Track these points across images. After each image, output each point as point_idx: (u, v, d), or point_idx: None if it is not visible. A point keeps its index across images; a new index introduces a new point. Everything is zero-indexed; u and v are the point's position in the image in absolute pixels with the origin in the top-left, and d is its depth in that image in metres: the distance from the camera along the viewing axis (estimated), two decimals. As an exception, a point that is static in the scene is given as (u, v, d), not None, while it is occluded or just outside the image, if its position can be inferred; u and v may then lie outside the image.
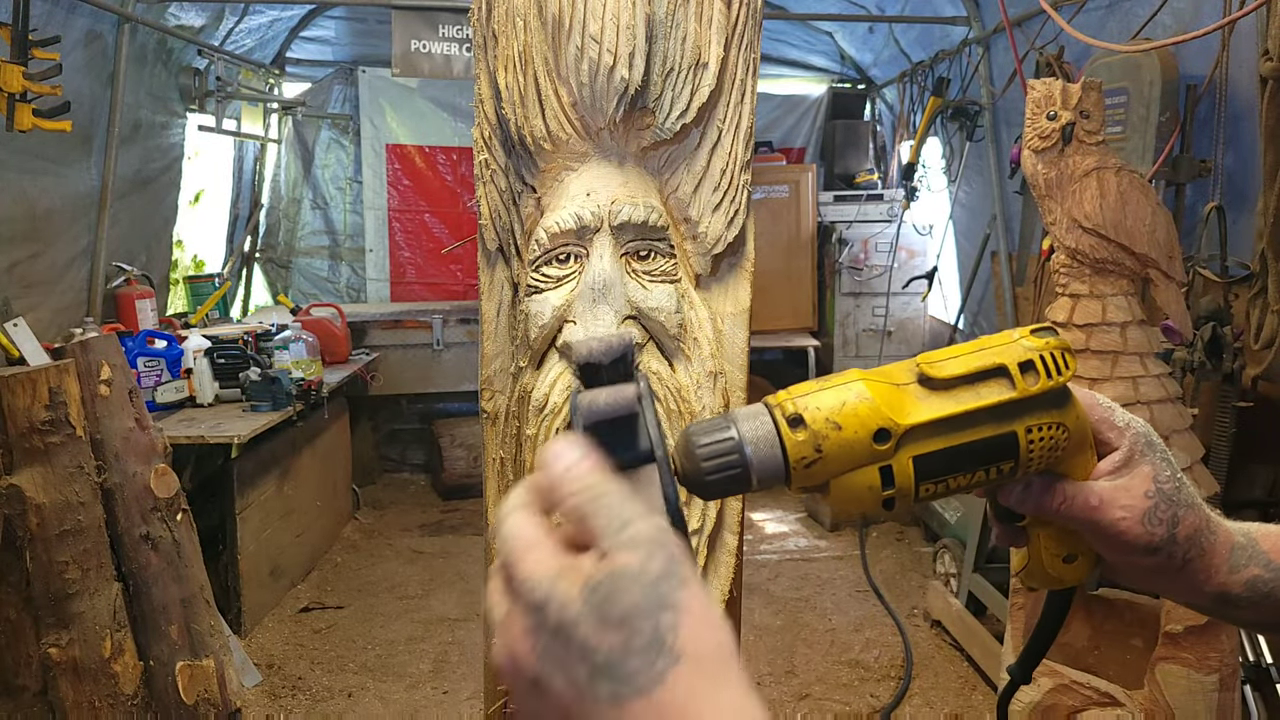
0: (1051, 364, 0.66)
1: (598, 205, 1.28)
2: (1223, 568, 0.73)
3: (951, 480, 0.66)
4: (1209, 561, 0.73)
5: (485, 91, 1.35)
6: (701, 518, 1.33)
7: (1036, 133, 2.16)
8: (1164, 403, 2.11)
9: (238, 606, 3.86)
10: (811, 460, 0.63)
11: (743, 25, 1.32)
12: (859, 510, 0.65)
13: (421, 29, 4.78)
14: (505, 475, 1.39)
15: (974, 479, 0.67)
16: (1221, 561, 0.73)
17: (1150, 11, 3.08)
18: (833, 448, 0.63)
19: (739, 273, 1.40)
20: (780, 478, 0.63)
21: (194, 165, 5.36)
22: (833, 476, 0.64)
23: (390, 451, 6.38)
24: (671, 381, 1.31)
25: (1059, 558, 0.75)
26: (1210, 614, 0.78)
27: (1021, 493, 0.71)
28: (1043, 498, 0.70)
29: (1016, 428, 0.66)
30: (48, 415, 2.17)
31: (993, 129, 4.75)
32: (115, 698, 2.25)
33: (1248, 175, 2.82)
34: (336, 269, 6.56)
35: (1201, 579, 0.73)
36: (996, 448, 0.66)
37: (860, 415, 0.63)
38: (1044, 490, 0.70)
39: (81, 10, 3.74)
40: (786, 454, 0.63)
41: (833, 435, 0.63)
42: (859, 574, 4.58)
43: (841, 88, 6.95)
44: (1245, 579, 0.73)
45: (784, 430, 0.63)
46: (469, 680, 3.61)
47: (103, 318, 4.17)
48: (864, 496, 0.64)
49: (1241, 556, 0.74)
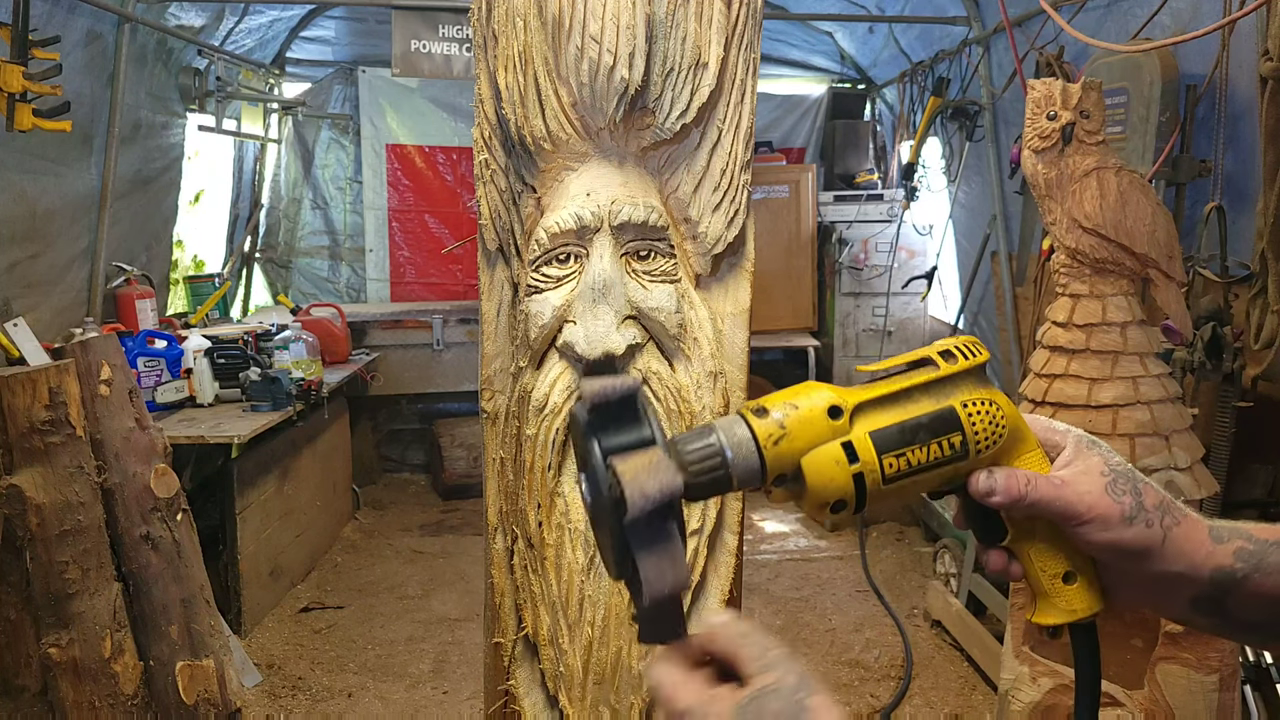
0: (966, 350, 0.77)
1: (598, 205, 1.28)
2: (1206, 541, 0.75)
3: (911, 454, 0.73)
4: (1191, 532, 0.75)
5: (485, 91, 1.35)
6: (702, 518, 1.33)
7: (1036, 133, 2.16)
8: (1164, 403, 2.11)
9: (238, 606, 3.86)
10: (778, 436, 0.70)
11: (743, 25, 1.32)
12: (835, 490, 0.71)
13: (421, 29, 4.78)
14: (505, 475, 1.39)
15: (931, 454, 0.74)
16: (1203, 534, 0.75)
17: (1150, 12, 3.08)
18: (794, 424, 0.71)
19: (739, 273, 1.40)
20: (756, 473, 0.70)
21: (194, 165, 5.36)
22: (800, 455, 0.71)
23: (390, 451, 6.38)
24: (671, 381, 1.31)
25: (1058, 578, 0.76)
26: (1211, 616, 0.77)
27: (987, 480, 0.75)
28: (1010, 483, 0.74)
29: (953, 402, 0.75)
30: (48, 415, 2.17)
31: (993, 129, 4.75)
32: (115, 698, 2.25)
33: (1248, 175, 2.82)
34: (336, 269, 6.56)
35: (1191, 550, 0.75)
36: (941, 420, 0.74)
37: (812, 395, 0.72)
38: (1009, 477, 0.75)
39: (81, 10, 3.74)
40: (758, 441, 0.70)
41: (791, 413, 0.71)
42: (859, 574, 4.58)
43: (841, 88, 6.94)
44: (1233, 549, 0.75)
45: (751, 420, 0.71)
46: (469, 680, 3.61)
47: (103, 318, 4.17)
48: (834, 473, 0.71)
49: (1222, 532, 0.76)
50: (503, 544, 1.42)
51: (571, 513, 1.30)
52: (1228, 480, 2.58)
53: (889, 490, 0.73)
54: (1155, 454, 2.06)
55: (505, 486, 1.39)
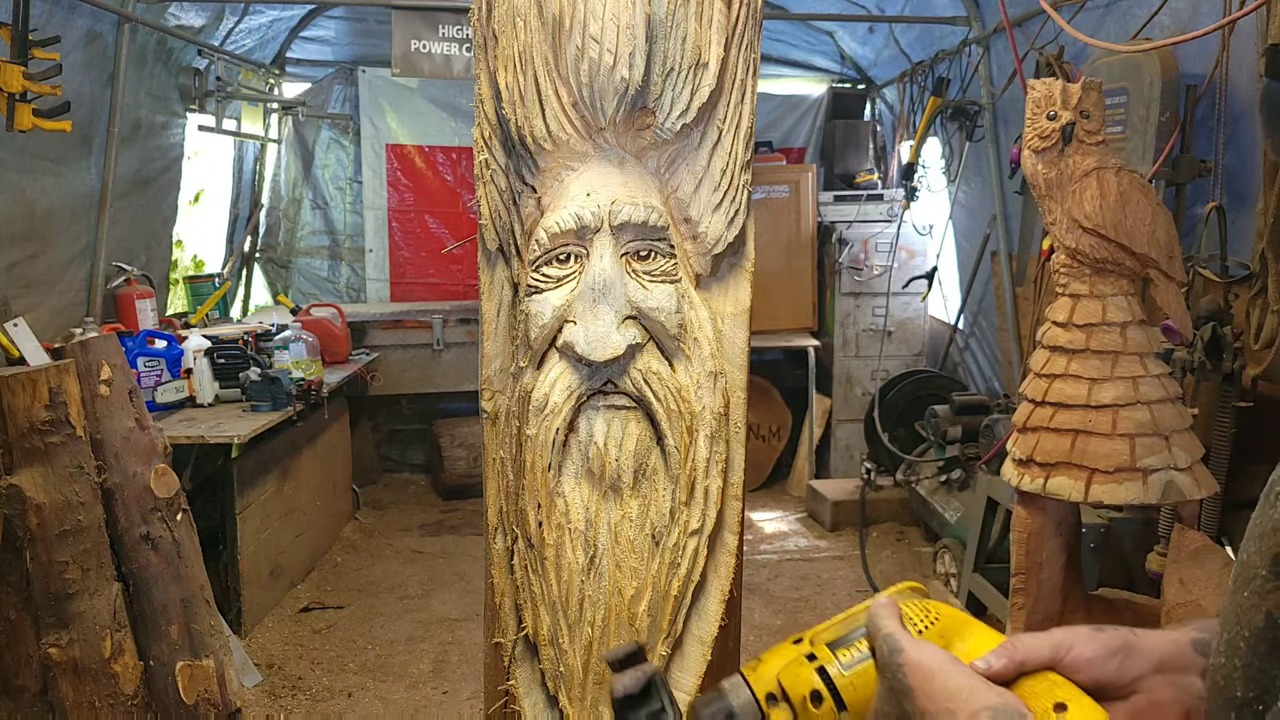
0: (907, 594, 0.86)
1: (598, 205, 1.28)
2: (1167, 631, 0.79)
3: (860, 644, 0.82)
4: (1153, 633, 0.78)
5: (485, 91, 1.35)
6: (702, 518, 1.33)
7: (1036, 133, 2.16)
8: (1164, 403, 2.11)
9: (238, 606, 3.86)
10: (755, 665, 0.86)
11: (743, 25, 1.32)
12: (805, 684, 0.81)
13: (421, 29, 4.78)
14: (505, 475, 1.39)
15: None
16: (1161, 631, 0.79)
17: (1150, 12, 3.08)
18: (767, 655, 0.86)
19: (739, 273, 1.40)
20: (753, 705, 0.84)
21: (194, 165, 5.36)
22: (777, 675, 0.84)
23: (390, 451, 6.38)
24: (672, 381, 1.31)
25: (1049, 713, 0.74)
26: None
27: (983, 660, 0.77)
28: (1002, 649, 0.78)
29: None
30: (48, 415, 2.17)
31: (993, 129, 4.75)
32: (115, 698, 2.25)
33: (1248, 175, 2.82)
34: (336, 269, 6.56)
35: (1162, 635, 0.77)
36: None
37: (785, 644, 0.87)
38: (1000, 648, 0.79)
39: (81, 10, 3.74)
40: (751, 687, 0.84)
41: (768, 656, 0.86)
42: (859, 574, 4.58)
43: (841, 88, 6.94)
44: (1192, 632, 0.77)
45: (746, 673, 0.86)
46: (469, 680, 3.61)
47: (103, 318, 4.17)
48: (800, 672, 0.82)
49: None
50: (503, 544, 1.42)
51: (571, 513, 1.30)
52: (1228, 480, 2.58)
53: (853, 678, 0.79)
54: (1155, 454, 2.06)
55: (505, 486, 1.39)
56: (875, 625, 0.77)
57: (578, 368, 1.29)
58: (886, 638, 0.75)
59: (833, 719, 0.80)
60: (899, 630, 0.76)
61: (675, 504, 1.30)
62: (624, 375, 1.29)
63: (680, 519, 1.31)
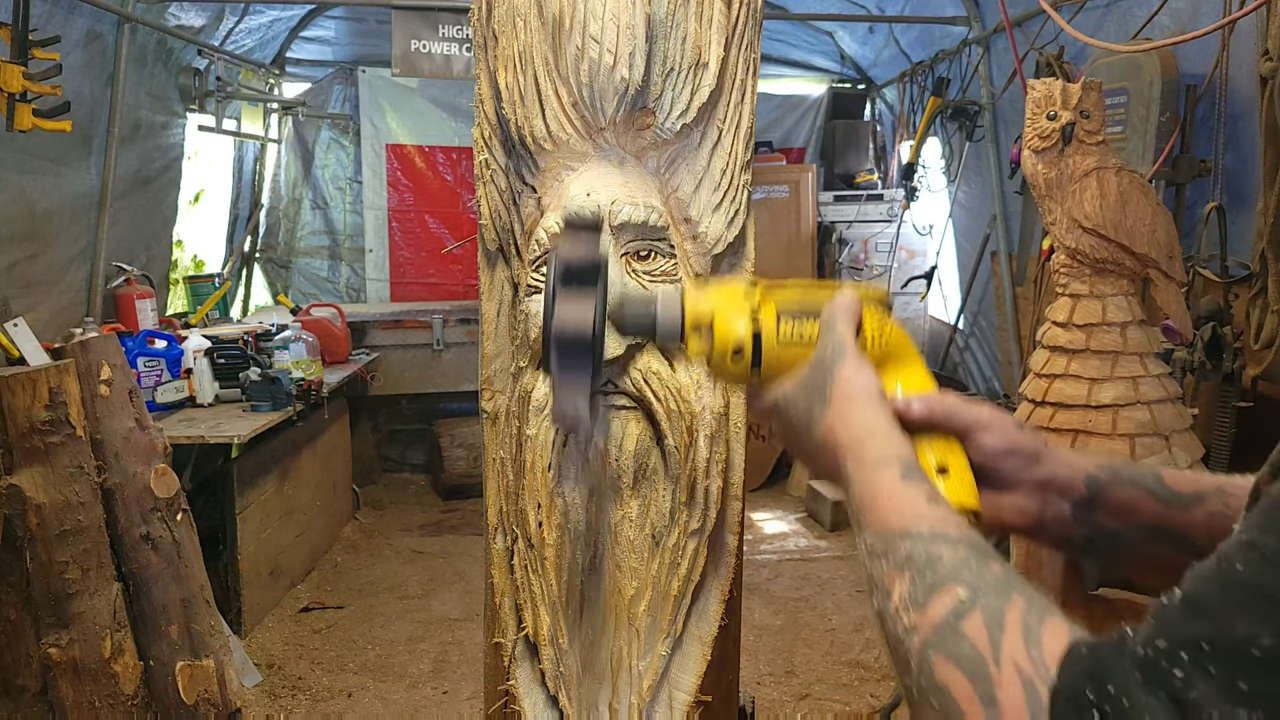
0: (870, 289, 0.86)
1: (598, 205, 1.28)
2: (1075, 453, 0.83)
3: (802, 325, 0.82)
4: (1061, 448, 0.83)
5: (485, 91, 1.35)
6: (702, 518, 1.33)
7: (1036, 133, 2.16)
8: (1164, 403, 2.11)
9: (238, 606, 3.86)
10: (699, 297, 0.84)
11: (743, 25, 1.32)
12: (735, 339, 0.81)
13: (421, 29, 4.78)
14: (505, 475, 1.39)
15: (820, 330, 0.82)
16: (1070, 450, 0.84)
17: (1150, 12, 3.08)
18: (714, 290, 0.85)
19: (739, 273, 1.40)
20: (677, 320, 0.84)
21: (194, 165, 5.36)
22: (714, 312, 0.83)
23: (390, 451, 6.37)
24: (672, 381, 1.31)
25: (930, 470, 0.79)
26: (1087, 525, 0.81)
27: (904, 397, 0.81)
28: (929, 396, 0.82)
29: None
30: (48, 415, 2.17)
31: (993, 129, 4.75)
32: (115, 698, 2.25)
33: (1248, 175, 2.82)
34: (336, 269, 6.56)
35: (1068, 458, 0.82)
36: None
37: (737, 278, 0.90)
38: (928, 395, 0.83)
39: (81, 10, 3.74)
40: (683, 297, 0.84)
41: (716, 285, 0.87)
42: (859, 574, 4.56)
43: (841, 88, 6.94)
44: (1095, 463, 0.82)
45: (685, 286, 0.88)
46: (469, 680, 3.61)
47: (103, 318, 4.17)
48: (735, 323, 0.81)
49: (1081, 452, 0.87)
50: (503, 544, 1.42)
51: (571, 513, 1.30)
52: (1228, 480, 2.58)
53: (782, 350, 0.81)
54: (1155, 454, 2.06)
55: (505, 486, 1.39)
56: (830, 322, 0.79)
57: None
58: (836, 341, 0.77)
59: (742, 375, 0.82)
60: (850, 339, 0.77)
61: (675, 504, 1.30)
62: (624, 375, 1.29)
63: (680, 519, 1.31)
